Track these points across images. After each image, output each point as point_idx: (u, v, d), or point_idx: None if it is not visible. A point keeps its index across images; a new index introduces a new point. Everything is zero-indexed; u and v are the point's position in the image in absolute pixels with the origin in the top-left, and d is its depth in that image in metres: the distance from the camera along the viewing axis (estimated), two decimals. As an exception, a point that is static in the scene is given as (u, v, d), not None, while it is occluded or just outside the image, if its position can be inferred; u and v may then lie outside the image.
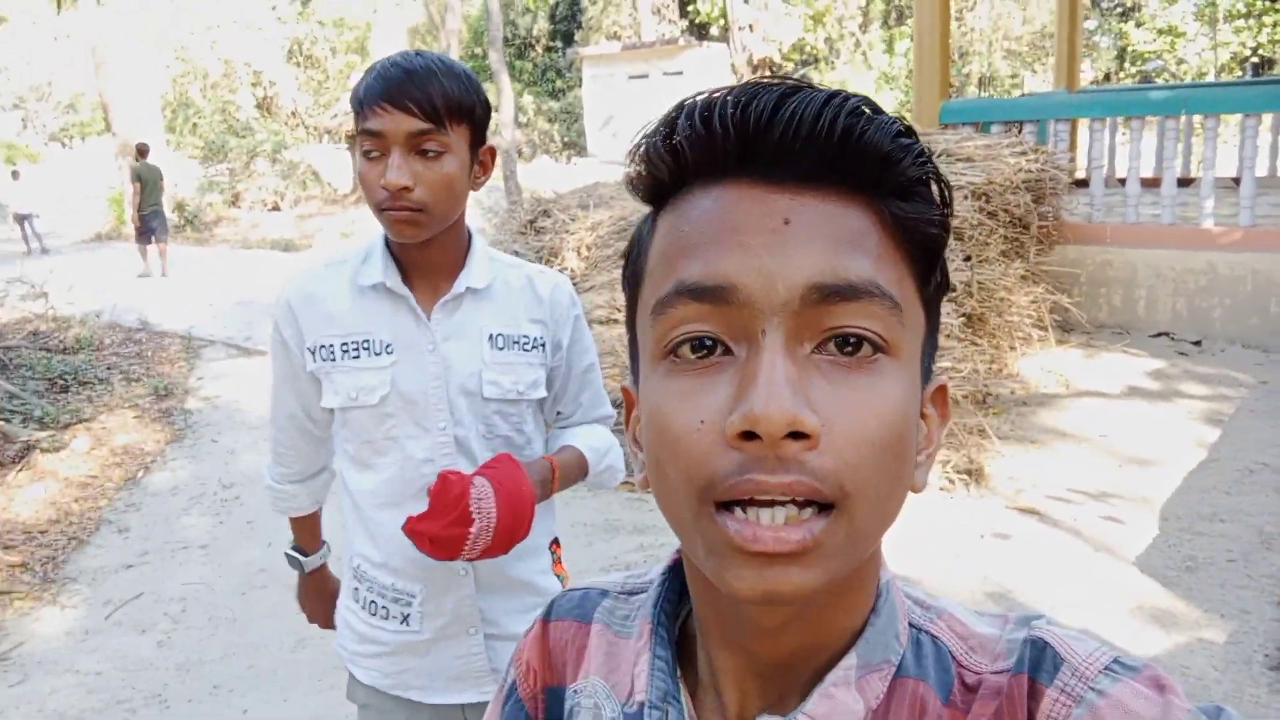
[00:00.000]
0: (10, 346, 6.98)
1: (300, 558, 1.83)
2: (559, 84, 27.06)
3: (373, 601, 1.62)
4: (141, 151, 13.04)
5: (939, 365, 4.90)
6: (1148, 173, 8.51)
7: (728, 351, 0.50)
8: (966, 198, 5.78)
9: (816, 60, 22.77)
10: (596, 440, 1.68)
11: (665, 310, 0.52)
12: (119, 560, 4.41)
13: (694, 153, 0.53)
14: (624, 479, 1.76)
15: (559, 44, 27.68)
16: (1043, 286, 6.30)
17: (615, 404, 5.05)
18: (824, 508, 0.48)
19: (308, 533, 1.83)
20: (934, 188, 0.53)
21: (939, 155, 6.50)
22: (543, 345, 1.61)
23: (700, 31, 24.36)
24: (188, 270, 12.66)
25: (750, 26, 21.02)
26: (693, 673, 0.62)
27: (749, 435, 0.47)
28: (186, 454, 5.81)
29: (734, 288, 0.50)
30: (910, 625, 0.58)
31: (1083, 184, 7.36)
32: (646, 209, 0.59)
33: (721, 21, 22.63)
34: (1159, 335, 6.48)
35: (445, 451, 1.55)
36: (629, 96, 21.89)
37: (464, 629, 1.60)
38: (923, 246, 0.53)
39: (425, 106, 1.41)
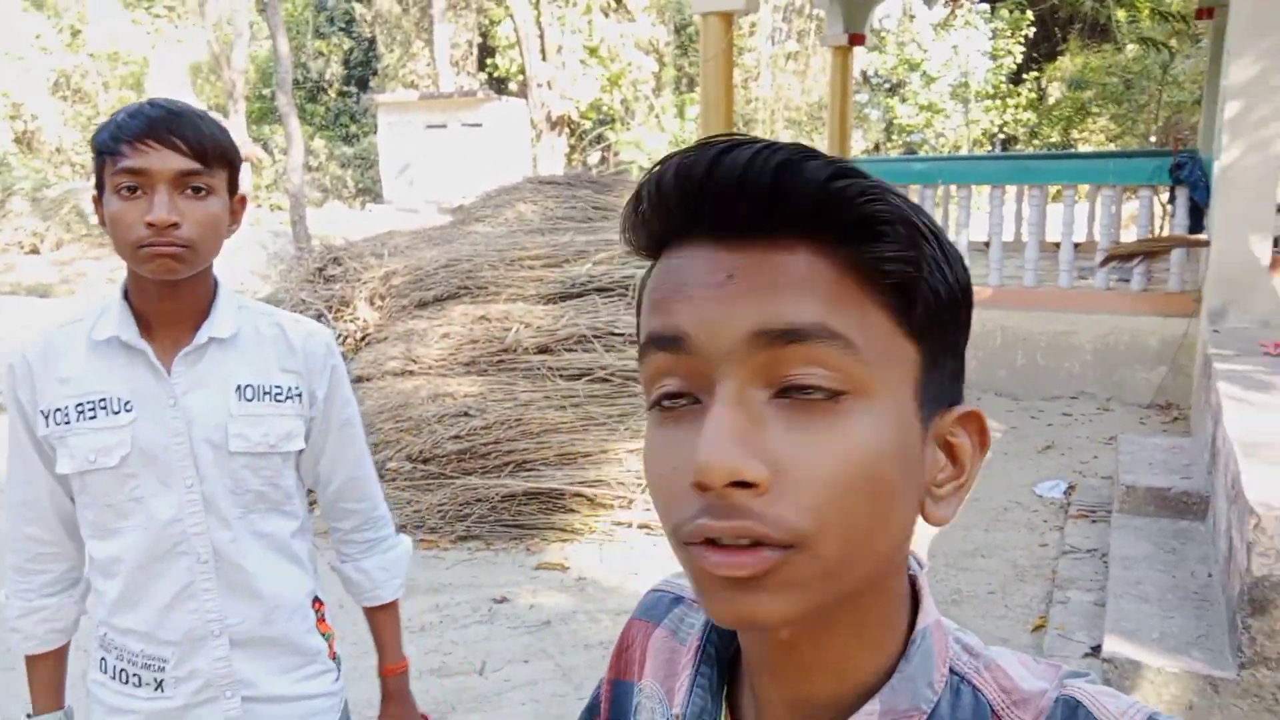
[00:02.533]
0: None
1: None
2: (353, 129, 26.51)
3: (122, 670, 1.54)
4: None
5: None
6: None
7: (696, 401, 0.53)
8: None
9: (613, 120, 23.47)
10: (392, 587, 1.74)
11: (644, 357, 0.56)
12: None
13: (656, 217, 0.55)
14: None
15: (354, 89, 27.17)
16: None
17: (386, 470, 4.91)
18: (780, 547, 0.49)
19: (49, 680, 1.61)
20: (895, 226, 0.51)
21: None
22: (298, 395, 1.57)
23: (499, 85, 24.60)
24: (-74, 316, 11.39)
25: (549, 84, 21.43)
26: (747, 696, 0.63)
27: (703, 485, 0.49)
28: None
29: (686, 336, 0.52)
30: (952, 672, 0.58)
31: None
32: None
33: (520, 77, 22.96)
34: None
35: (193, 510, 1.50)
36: (426, 145, 21.71)
37: (220, 692, 1.54)
38: (890, 283, 0.52)
39: (194, 145, 1.41)
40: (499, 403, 5.30)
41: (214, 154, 1.43)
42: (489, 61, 25.45)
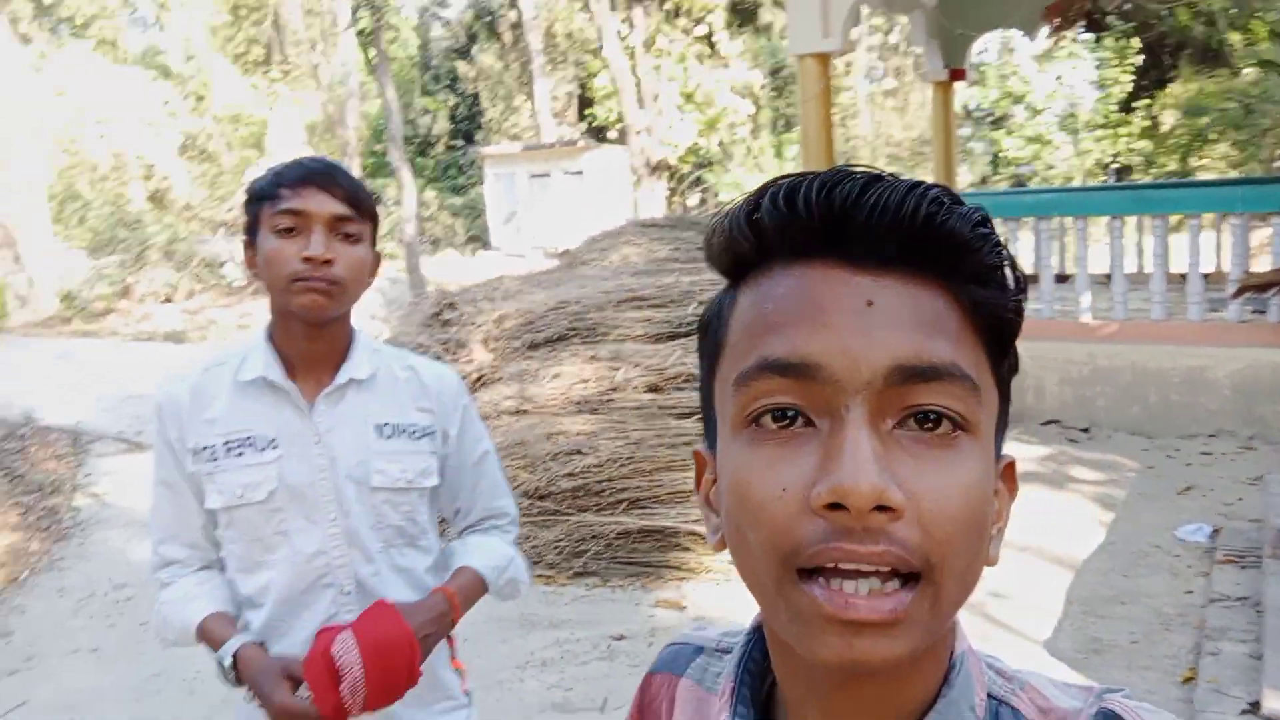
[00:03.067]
0: (-123, 444, 6.54)
1: (227, 657, 1.54)
2: (461, 180, 27.31)
3: None
4: None
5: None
6: (1025, 270, 9.04)
7: (809, 423, 0.52)
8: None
9: (710, 163, 23.63)
10: (495, 558, 1.70)
11: (748, 383, 0.53)
12: (4, 667, 4.11)
13: (778, 232, 0.54)
14: (526, 585, 1.79)
15: (460, 143, 28.04)
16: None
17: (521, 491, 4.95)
18: (907, 579, 0.50)
19: (221, 623, 1.59)
20: (1008, 274, 0.55)
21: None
22: (432, 434, 1.63)
23: (599, 134, 25.05)
24: (76, 363, 12.12)
25: (647, 130, 21.74)
26: None
27: (835, 506, 0.48)
28: (75, 553, 5.50)
29: (819, 366, 0.51)
30: (990, 696, 0.58)
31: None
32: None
33: (619, 125, 23.35)
34: (1049, 423, 6.81)
35: (336, 543, 1.56)
36: (530, 193, 22.27)
37: None
38: (997, 330, 0.55)
39: (350, 193, 1.51)
40: (611, 440, 5.34)
41: (364, 205, 1.53)
42: (588, 111, 25.97)
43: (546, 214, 21.56)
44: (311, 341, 1.56)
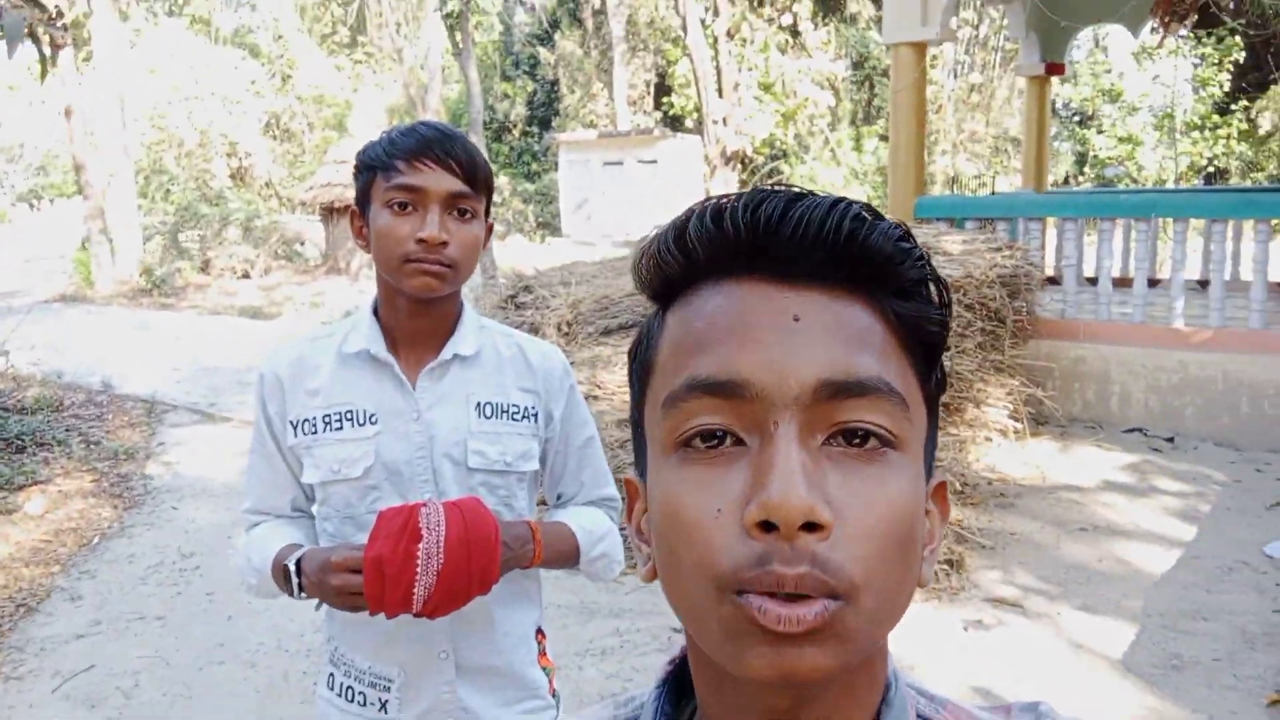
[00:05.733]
0: (-35, 404, 6.77)
1: (292, 564, 1.44)
2: (535, 167, 27.47)
3: (349, 687, 1.54)
4: None
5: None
6: (1116, 273, 8.73)
7: (739, 442, 0.51)
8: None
9: (786, 155, 23.35)
10: (591, 523, 1.60)
11: (677, 404, 0.53)
12: (70, 630, 4.19)
13: (706, 251, 0.55)
14: (622, 571, 1.66)
15: (536, 129, 28.19)
16: (1018, 379, 6.36)
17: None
18: (833, 596, 0.49)
19: (294, 548, 1.49)
20: (933, 289, 0.56)
21: (916, 247, 6.61)
22: (534, 415, 1.56)
23: (674, 123, 24.94)
24: (154, 334, 12.47)
25: (724, 120, 21.56)
26: None
27: (767, 525, 0.48)
28: (145, 521, 5.60)
29: (747, 383, 0.51)
30: (919, 716, 0.58)
31: (1054, 281, 7.51)
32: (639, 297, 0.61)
33: (695, 115, 23.21)
34: (1132, 431, 6.55)
35: None
36: (604, 181, 22.27)
37: (442, 718, 1.52)
38: (924, 344, 0.55)
39: (467, 168, 1.44)
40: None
41: (481, 179, 1.46)
42: (665, 100, 25.87)
43: (618, 202, 21.55)
44: (417, 318, 1.50)
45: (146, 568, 4.90)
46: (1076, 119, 23.62)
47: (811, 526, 0.48)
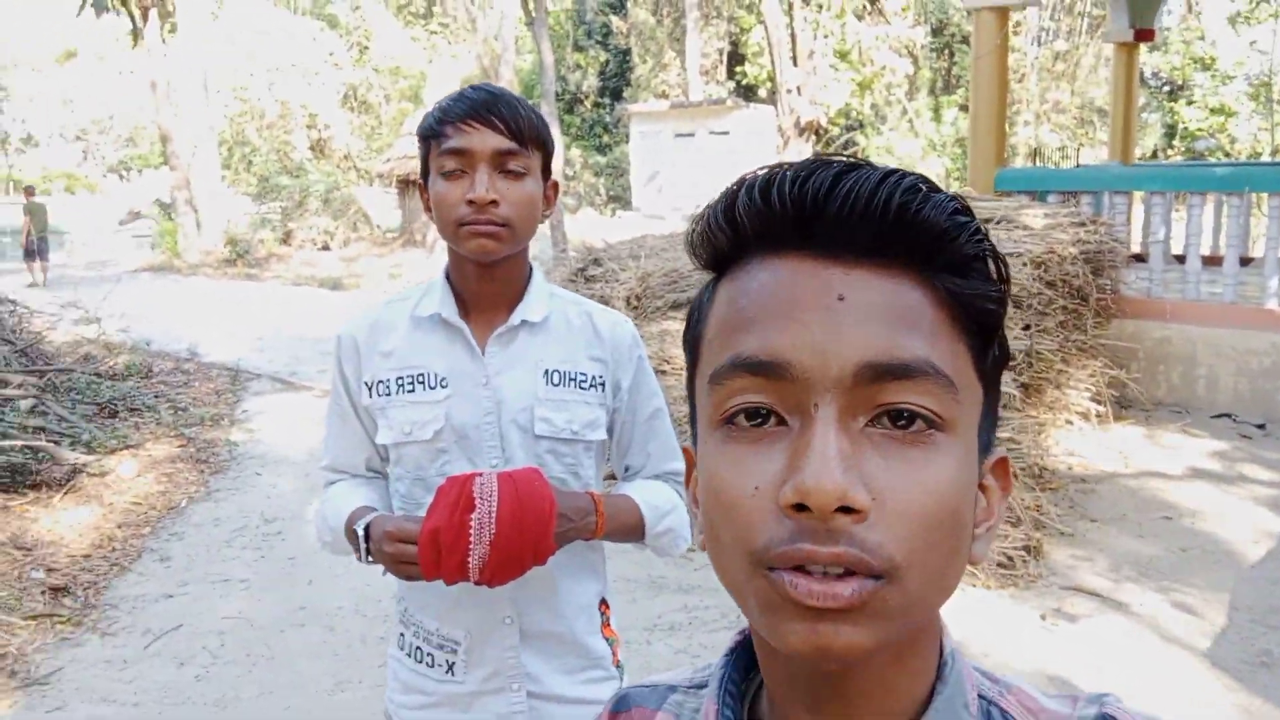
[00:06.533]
0: (62, 370, 7.05)
1: (360, 529, 1.46)
2: (606, 139, 27.43)
3: (418, 648, 1.57)
4: (29, 192, 17.43)
5: (998, 435, 4.78)
6: (1205, 250, 8.40)
7: (782, 422, 0.51)
8: (1025, 265, 5.71)
9: (862, 125, 22.92)
10: (657, 497, 1.58)
11: (722, 381, 0.53)
12: (159, 589, 4.37)
13: (752, 225, 0.54)
14: (688, 547, 1.66)
15: (608, 100, 28.11)
16: (1100, 360, 6.18)
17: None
18: (873, 575, 0.49)
19: (366, 510, 1.51)
20: (990, 264, 0.54)
21: (996, 222, 6.45)
22: (601, 384, 1.56)
23: (747, 93, 24.63)
24: (238, 303, 12.84)
25: (798, 89, 21.22)
26: None
27: (800, 507, 0.48)
28: (230, 486, 5.80)
29: (788, 364, 0.51)
30: (980, 697, 0.58)
31: (1140, 259, 7.26)
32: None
33: (769, 84, 22.89)
34: (1220, 416, 6.32)
35: None
36: (675, 153, 22.12)
37: (507, 683, 1.54)
38: (979, 322, 0.54)
39: (512, 126, 1.43)
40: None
41: (530, 135, 1.45)
42: (738, 70, 25.56)
43: (690, 175, 21.37)
44: (484, 282, 1.51)
45: (231, 531, 5.07)
46: (1166, 89, 22.72)
47: (847, 510, 0.48)
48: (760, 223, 0.54)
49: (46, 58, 29.24)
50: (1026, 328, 5.51)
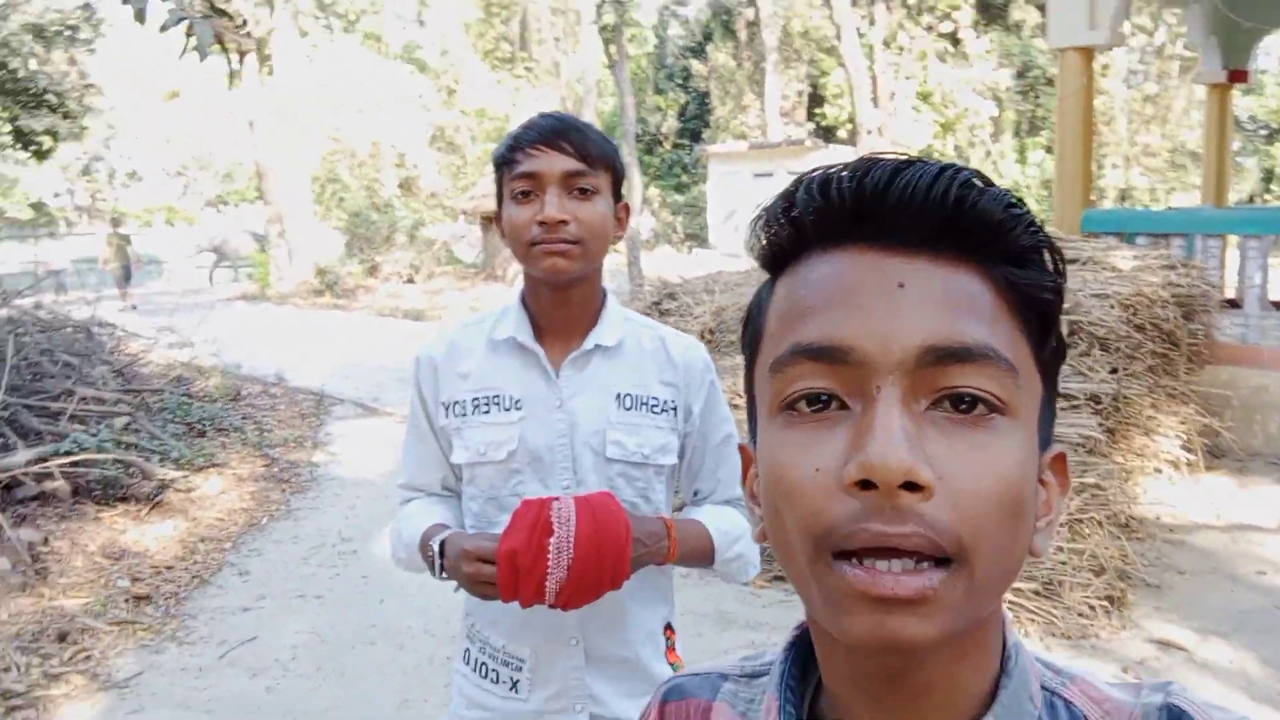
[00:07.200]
0: (156, 390, 7.33)
1: (435, 545, 1.48)
2: (684, 178, 27.65)
3: (483, 664, 1.58)
4: (116, 223, 19.17)
5: (1082, 480, 4.58)
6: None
7: (843, 406, 0.52)
8: (1112, 307, 5.56)
9: (945, 168, 22.68)
10: (726, 522, 1.58)
11: (783, 369, 0.54)
12: (237, 602, 4.48)
13: (812, 220, 0.55)
14: (756, 574, 1.64)
15: (687, 141, 28.37)
16: (1192, 407, 5.96)
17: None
18: (941, 562, 0.49)
19: (440, 528, 1.54)
20: (1047, 256, 0.55)
21: (1083, 263, 6.30)
22: (673, 409, 1.56)
23: (827, 134, 24.63)
24: (325, 332, 13.21)
25: (879, 130, 21.14)
26: None
27: (865, 485, 0.48)
28: (309, 505, 5.94)
29: (850, 349, 0.51)
30: (1043, 688, 0.58)
31: (1234, 304, 7.01)
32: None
33: (849, 125, 22.85)
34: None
35: None
36: (753, 193, 22.18)
37: (570, 704, 1.54)
38: (1037, 312, 0.55)
39: (580, 148, 1.47)
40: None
41: (597, 156, 1.48)
42: (817, 111, 25.61)
43: (769, 213, 21.37)
44: (559, 306, 1.54)
45: (309, 549, 5.18)
46: (1263, 132, 22.02)
47: (912, 487, 0.48)
48: (819, 217, 0.55)
49: (154, 98, 30.77)
50: (1114, 371, 5.35)
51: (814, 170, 0.56)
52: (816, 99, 26.08)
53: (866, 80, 20.97)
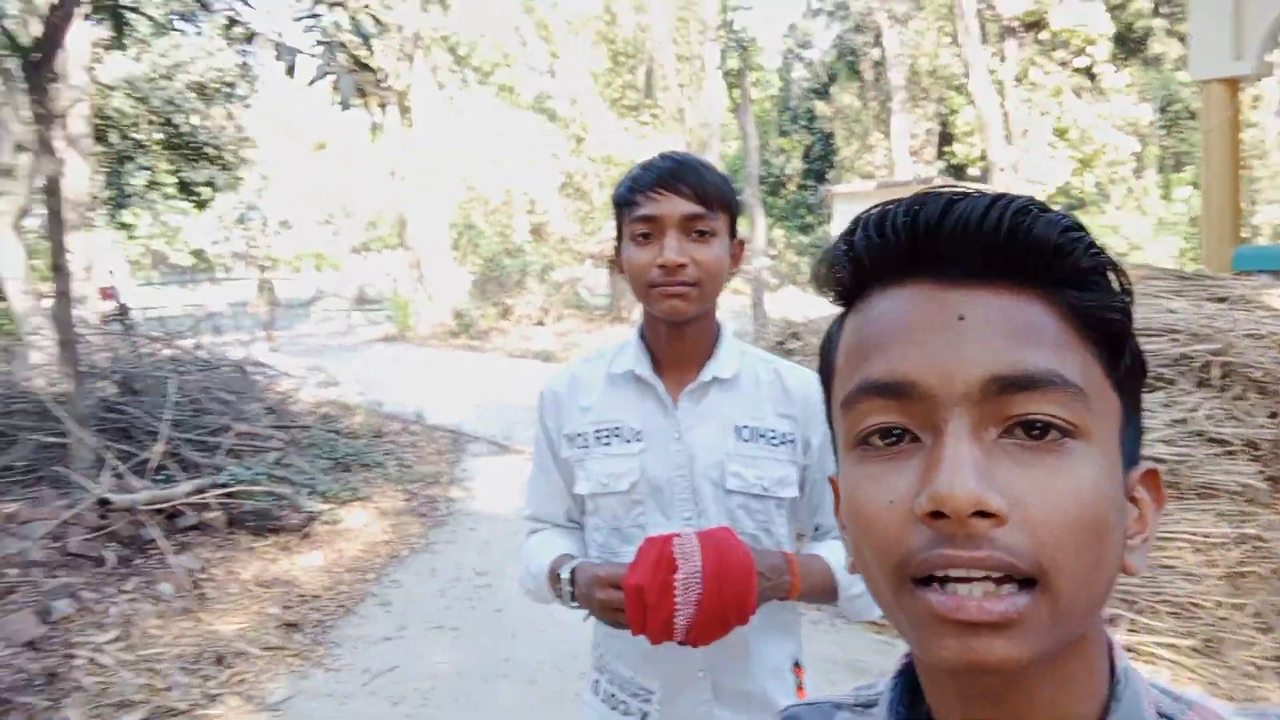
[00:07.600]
0: (305, 426, 7.74)
1: (565, 573, 1.51)
2: (809, 219, 27.52)
3: (612, 694, 1.60)
4: (263, 269, 21.32)
5: (1243, 532, 4.33)
6: None
7: (915, 439, 0.53)
8: (1270, 349, 5.27)
9: (1084, 203, 21.89)
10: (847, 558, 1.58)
11: (853, 406, 0.56)
12: (379, 632, 4.67)
13: (870, 258, 0.57)
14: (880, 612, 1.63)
15: (811, 182, 28.28)
16: (1363, 454, 5.55)
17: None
18: (1024, 584, 0.50)
19: (568, 558, 1.57)
20: (1111, 276, 0.55)
21: (1233, 302, 5.99)
22: (792, 442, 1.56)
23: (957, 172, 24.14)
24: (461, 372, 13.69)
25: (1014, 167, 20.60)
26: None
27: (937, 514, 0.49)
28: (447, 539, 6.15)
29: (913, 384, 0.53)
30: (1161, 714, 0.57)
31: None
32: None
33: (980, 163, 22.35)
34: None
35: None
36: (881, 233, 21.92)
37: None
38: (1105, 333, 0.55)
39: (698, 190, 1.49)
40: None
41: (715, 198, 1.51)
42: (947, 149, 25.15)
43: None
44: (675, 340, 1.57)
45: (446, 581, 5.36)
46: None
47: (983, 515, 0.49)
48: (876, 254, 0.57)
49: (303, 149, 32.72)
50: (1273, 415, 5.05)
51: (872, 208, 0.58)
52: (946, 137, 25.64)
53: (998, 117, 20.51)
